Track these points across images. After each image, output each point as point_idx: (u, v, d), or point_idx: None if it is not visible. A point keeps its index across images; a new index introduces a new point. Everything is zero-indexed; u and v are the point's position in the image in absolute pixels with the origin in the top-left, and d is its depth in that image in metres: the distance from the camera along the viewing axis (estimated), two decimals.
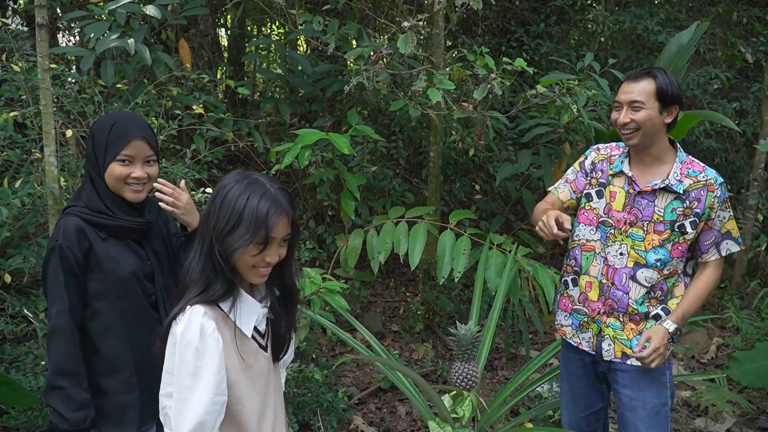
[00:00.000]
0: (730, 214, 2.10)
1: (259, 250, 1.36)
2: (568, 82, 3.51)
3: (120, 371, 1.78)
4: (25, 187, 2.75)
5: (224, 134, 3.74)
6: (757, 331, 3.91)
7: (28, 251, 2.98)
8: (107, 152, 1.76)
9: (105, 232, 1.76)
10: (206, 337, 1.35)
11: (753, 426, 3.42)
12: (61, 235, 1.68)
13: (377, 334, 4.17)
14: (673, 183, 2.06)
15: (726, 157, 5.32)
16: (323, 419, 3.01)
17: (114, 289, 1.75)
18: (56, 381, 1.67)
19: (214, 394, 1.34)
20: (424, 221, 3.53)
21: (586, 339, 2.23)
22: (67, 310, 1.68)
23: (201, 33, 5.33)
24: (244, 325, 1.43)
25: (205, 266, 1.38)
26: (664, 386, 2.13)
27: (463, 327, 2.39)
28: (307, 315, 2.81)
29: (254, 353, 1.46)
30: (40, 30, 2.75)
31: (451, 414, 2.42)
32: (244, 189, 1.36)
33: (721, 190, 2.05)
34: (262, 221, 1.33)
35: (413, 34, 3.21)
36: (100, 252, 1.73)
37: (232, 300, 1.41)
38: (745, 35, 5.45)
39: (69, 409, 1.67)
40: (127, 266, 1.77)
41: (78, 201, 1.79)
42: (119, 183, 1.78)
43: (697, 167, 2.08)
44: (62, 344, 1.68)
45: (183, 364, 1.34)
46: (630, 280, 2.11)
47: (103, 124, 1.79)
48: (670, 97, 2.02)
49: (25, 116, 3.13)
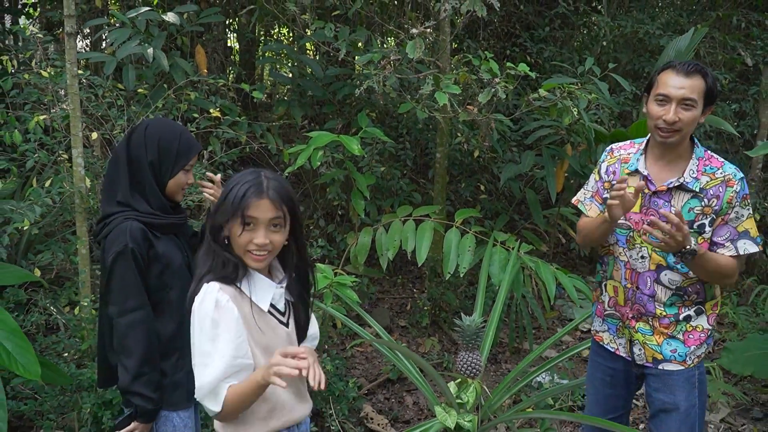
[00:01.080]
0: (749, 212, 1.99)
1: (240, 231, 1.51)
2: (569, 86, 3.65)
3: (172, 354, 1.97)
4: (54, 186, 2.92)
5: (239, 136, 3.90)
6: (753, 326, 4.04)
7: (55, 247, 3.15)
8: (177, 161, 1.95)
9: (158, 231, 1.95)
10: (221, 308, 1.51)
11: (747, 416, 3.55)
12: (129, 239, 1.85)
13: (386, 329, 4.32)
14: (688, 181, 1.98)
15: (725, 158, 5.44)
16: (335, 407, 3.17)
17: (169, 281, 1.95)
18: (142, 368, 1.86)
19: (233, 357, 1.50)
20: (430, 220, 3.68)
21: (622, 344, 2.22)
22: (145, 303, 1.88)
23: (214, 38, 5.49)
24: (260, 301, 1.59)
25: (207, 249, 1.57)
26: (694, 387, 2.13)
27: (468, 318, 2.54)
28: (320, 308, 2.96)
29: (273, 327, 1.62)
30: (69, 38, 2.92)
31: (456, 400, 2.57)
32: (240, 177, 1.55)
33: (740, 185, 1.96)
34: (238, 201, 1.50)
35: (421, 40, 3.36)
36: (158, 249, 1.92)
37: (245, 278, 1.58)
38: (744, 39, 5.58)
39: (152, 391, 1.87)
40: (177, 259, 1.98)
41: (117, 206, 1.92)
42: (178, 189, 1.99)
43: (715, 163, 2.00)
44: (144, 335, 1.87)
45: (202, 332, 1.50)
46: (654, 283, 2.08)
47: (169, 133, 1.95)
48: (713, 97, 1.96)
49: (53, 119, 3.30)
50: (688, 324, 2.12)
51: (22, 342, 1.86)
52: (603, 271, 2.28)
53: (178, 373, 1.97)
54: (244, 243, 1.53)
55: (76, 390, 2.67)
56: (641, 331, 2.16)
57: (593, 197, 2.27)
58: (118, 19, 3.68)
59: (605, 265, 2.25)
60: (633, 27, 5.27)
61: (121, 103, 3.52)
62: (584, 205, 2.29)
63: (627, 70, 5.58)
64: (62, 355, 2.81)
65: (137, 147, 1.93)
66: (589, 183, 2.31)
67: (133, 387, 1.85)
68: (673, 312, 2.10)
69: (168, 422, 1.96)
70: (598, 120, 4.43)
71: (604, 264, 2.28)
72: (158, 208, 1.96)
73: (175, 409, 1.97)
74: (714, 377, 3.60)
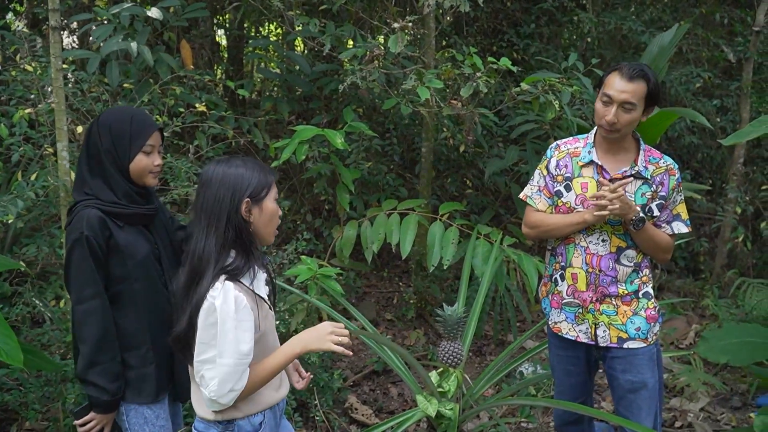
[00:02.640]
0: (681, 198, 2.26)
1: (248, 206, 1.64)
2: (550, 80, 3.70)
3: (138, 347, 1.96)
4: (39, 180, 2.94)
5: (225, 131, 3.93)
6: (733, 317, 4.11)
7: (41, 241, 3.16)
8: (132, 144, 1.92)
9: (121, 220, 1.92)
10: (240, 309, 1.58)
11: (726, 406, 3.61)
12: (85, 226, 1.84)
13: (372, 322, 4.34)
14: (641, 169, 2.19)
15: (708, 153, 5.52)
16: (319, 398, 3.20)
17: (132, 272, 1.92)
18: (96, 357, 1.85)
19: (246, 355, 1.59)
20: (415, 213, 3.71)
21: (583, 330, 2.30)
22: (100, 292, 1.87)
23: (201, 34, 5.50)
24: (260, 291, 1.67)
25: (223, 243, 1.60)
26: (655, 364, 2.26)
27: (449, 308, 2.58)
28: (306, 300, 3.00)
29: (267, 314, 1.72)
30: (54, 32, 2.93)
31: (437, 389, 2.61)
32: (227, 164, 1.63)
33: (678, 174, 2.22)
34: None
35: (403, 34, 3.40)
36: (119, 239, 1.90)
37: (250, 270, 1.63)
38: (727, 36, 5.65)
39: (108, 381, 1.86)
40: (142, 250, 1.95)
41: (84, 195, 1.92)
42: (144, 172, 1.96)
43: (655, 154, 2.23)
44: (99, 323, 1.85)
45: (224, 332, 1.55)
46: (616, 263, 2.22)
47: (119, 118, 1.94)
48: (655, 99, 2.12)
49: (38, 114, 3.32)
50: (649, 301, 2.27)
51: (5, 329, 1.89)
52: (558, 262, 2.36)
53: (146, 366, 1.96)
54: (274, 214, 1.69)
55: (61, 381, 2.69)
56: (606, 312, 2.26)
57: (541, 191, 2.38)
58: (101, 15, 3.69)
59: (561, 255, 2.34)
60: (617, 23, 5.33)
61: (107, 98, 3.54)
62: (533, 199, 2.40)
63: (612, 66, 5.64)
64: (48, 347, 2.83)
65: (93, 138, 1.93)
66: (535, 178, 2.43)
67: (87, 375, 1.85)
68: (633, 289, 2.25)
69: (139, 415, 1.96)
70: (582, 115, 4.48)
71: (558, 255, 2.36)
72: (124, 196, 1.93)
73: (144, 402, 1.96)
74: (694, 367, 3.66)
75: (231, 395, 1.59)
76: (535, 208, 2.38)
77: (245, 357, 1.58)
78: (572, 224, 2.23)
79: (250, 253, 1.63)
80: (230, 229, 1.59)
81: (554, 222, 2.30)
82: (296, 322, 3.14)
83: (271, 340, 1.75)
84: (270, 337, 1.74)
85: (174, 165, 3.42)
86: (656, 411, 2.27)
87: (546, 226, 2.33)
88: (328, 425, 3.20)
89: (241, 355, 1.57)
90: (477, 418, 3.39)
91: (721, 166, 5.62)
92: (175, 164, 3.43)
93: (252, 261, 1.64)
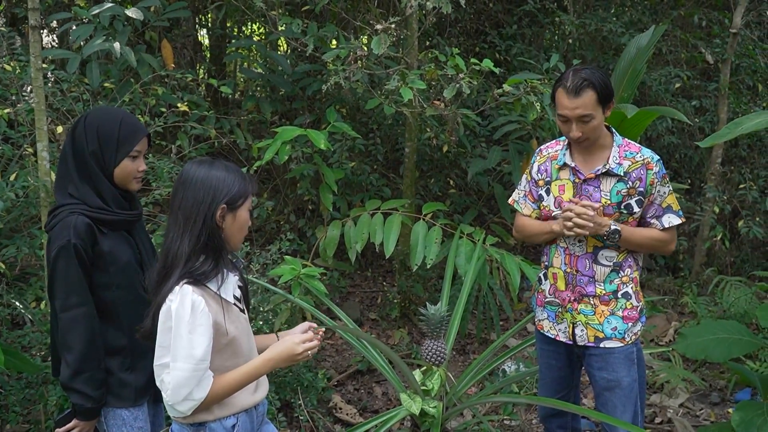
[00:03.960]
0: (669, 189, 2.21)
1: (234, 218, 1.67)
2: (532, 81, 3.73)
3: (119, 353, 1.95)
4: (19, 180, 2.91)
5: (207, 131, 3.91)
6: (712, 315, 4.18)
7: (21, 242, 3.13)
8: (119, 149, 1.89)
9: (106, 226, 1.90)
10: (197, 313, 1.55)
11: (705, 401, 3.67)
12: (73, 234, 1.81)
13: (356, 322, 4.36)
14: (613, 167, 2.17)
15: (687, 153, 5.60)
16: (303, 397, 3.20)
17: (114, 279, 1.91)
18: (82, 366, 1.83)
19: (202, 360, 1.56)
20: (399, 213, 3.73)
21: (562, 330, 2.34)
22: (87, 301, 1.85)
23: (183, 33, 5.47)
24: (227, 295, 1.66)
25: (196, 245, 1.58)
26: (633, 364, 2.28)
27: (432, 307, 2.60)
28: (289, 299, 3.00)
29: (237, 316, 1.69)
30: (33, 31, 2.90)
31: (421, 387, 2.63)
32: (210, 166, 1.63)
33: (658, 166, 2.17)
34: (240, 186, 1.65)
35: (386, 36, 3.41)
36: (103, 246, 1.88)
37: (218, 276, 1.62)
38: (705, 37, 5.74)
39: (93, 389, 1.85)
40: (124, 256, 1.93)
41: (69, 198, 1.89)
42: (128, 177, 1.94)
43: (633, 148, 2.20)
44: (86, 331, 1.84)
45: (178, 337, 1.53)
46: (593, 264, 2.23)
47: (107, 121, 1.90)
48: (608, 97, 2.11)
49: (17, 113, 3.28)
50: (627, 301, 2.27)
51: None
52: (543, 262, 2.43)
53: (125, 371, 1.95)
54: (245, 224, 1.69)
55: (42, 383, 2.67)
56: (583, 312, 2.29)
57: (526, 196, 2.43)
58: (81, 15, 3.66)
59: (546, 255, 2.41)
60: (597, 25, 5.39)
61: (87, 98, 3.51)
62: (519, 204, 2.46)
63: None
64: (28, 349, 2.80)
65: (79, 139, 1.89)
66: (522, 183, 2.48)
67: (72, 383, 1.83)
68: (612, 289, 2.25)
69: (117, 417, 1.95)
70: None
71: (543, 254, 2.43)
72: (112, 200, 1.91)
73: (123, 406, 1.95)
74: (674, 363, 3.72)
75: (188, 404, 1.57)
76: (522, 213, 2.43)
77: (200, 362, 1.55)
78: (544, 233, 2.31)
79: (220, 258, 1.63)
80: (204, 233, 1.59)
81: (531, 229, 2.38)
82: (280, 322, 3.14)
83: (245, 345, 1.72)
84: (242, 342, 1.70)
85: (156, 165, 3.41)
86: (635, 409, 2.29)
87: (526, 232, 2.41)
88: (313, 425, 3.21)
89: (195, 360, 1.54)
90: (460, 416, 3.41)
91: (699, 166, 5.70)
92: (158, 164, 3.42)
93: (221, 265, 1.63)
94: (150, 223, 3.52)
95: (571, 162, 2.25)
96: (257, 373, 1.65)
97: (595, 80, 2.08)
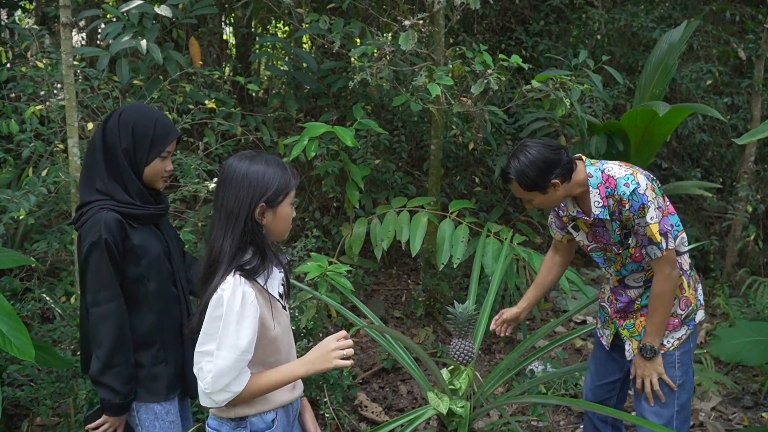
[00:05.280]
0: (648, 220, 2.09)
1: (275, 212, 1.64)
2: (561, 77, 3.68)
3: (150, 346, 1.95)
4: (50, 176, 2.94)
5: (234, 128, 3.92)
6: (744, 316, 4.08)
7: (51, 237, 3.16)
8: (152, 148, 1.91)
9: (135, 221, 1.91)
10: (247, 304, 1.55)
11: (737, 405, 3.59)
12: (104, 229, 1.82)
13: (380, 320, 4.33)
14: (597, 213, 2.15)
15: (718, 151, 5.48)
16: (329, 395, 3.20)
17: (146, 272, 1.91)
18: (111, 360, 1.84)
19: (245, 352, 1.56)
20: (425, 211, 3.70)
21: (606, 335, 2.43)
22: (118, 295, 1.86)
23: (210, 31, 5.51)
24: (273, 290, 1.66)
25: (240, 243, 1.58)
26: (673, 369, 2.23)
27: (460, 306, 2.57)
28: (315, 296, 2.99)
29: (280, 313, 1.69)
30: (65, 29, 2.93)
31: (448, 386, 2.60)
32: (250, 161, 1.61)
33: (631, 201, 2.08)
34: (284, 183, 1.62)
35: (414, 32, 3.38)
36: (134, 240, 1.89)
37: (265, 271, 1.62)
38: (737, 33, 5.61)
39: (122, 384, 1.86)
40: (155, 249, 1.94)
41: (96, 194, 1.89)
42: (156, 177, 1.95)
43: (611, 183, 2.12)
44: (115, 326, 1.84)
45: (226, 325, 1.53)
46: (624, 290, 2.31)
47: (143, 119, 1.91)
48: (534, 184, 2.11)
49: (49, 110, 3.32)
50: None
51: (17, 324, 1.88)
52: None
53: (157, 365, 1.95)
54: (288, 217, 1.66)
55: (72, 377, 2.70)
56: (627, 327, 2.34)
57: (554, 222, 2.48)
58: (110, 13, 3.69)
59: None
60: (627, 20, 5.30)
61: (117, 95, 3.54)
62: (551, 228, 2.53)
63: (621, 63, 5.61)
64: (58, 343, 2.83)
65: (111, 134, 1.89)
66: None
67: (102, 378, 1.84)
68: (648, 303, 2.26)
69: (149, 411, 1.95)
70: (592, 112, 4.46)
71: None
72: (137, 196, 1.91)
73: (155, 400, 1.95)
74: (705, 366, 3.64)
75: (224, 396, 1.56)
76: (554, 237, 2.53)
77: (244, 353, 1.55)
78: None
79: (266, 253, 1.62)
80: (246, 231, 1.58)
81: (543, 264, 2.66)
82: (306, 319, 3.14)
83: (285, 343, 1.72)
84: (284, 340, 1.70)
85: (183, 162, 3.43)
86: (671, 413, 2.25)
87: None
88: (338, 423, 3.20)
89: (239, 351, 1.54)
90: (487, 417, 3.38)
91: (731, 164, 5.58)
92: (185, 161, 3.43)
93: (267, 261, 1.62)
94: (177, 219, 3.54)
95: (573, 211, 2.28)
96: (293, 376, 1.64)
97: (515, 173, 2.12)
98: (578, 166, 2.18)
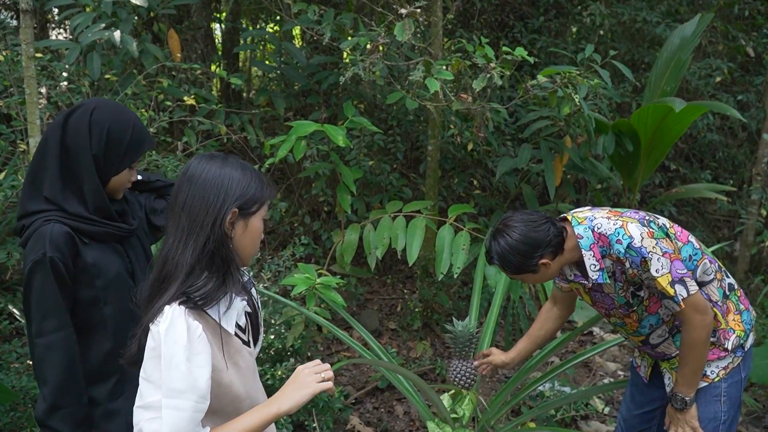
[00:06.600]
0: (654, 274, 1.83)
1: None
2: (569, 72, 3.42)
3: (107, 379, 1.67)
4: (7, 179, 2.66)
5: (216, 127, 3.65)
6: (763, 328, 3.82)
7: (12, 246, 2.88)
8: (125, 157, 1.64)
9: (87, 236, 1.62)
10: (194, 339, 1.24)
11: (759, 425, 3.34)
12: (49, 246, 1.52)
13: (374, 332, 4.07)
14: (595, 277, 1.91)
15: (728, 152, 5.25)
16: (318, 419, 2.92)
17: (102, 294, 1.63)
18: (58, 401, 1.55)
19: (202, 397, 1.24)
20: (422, 216, 3.43)
21: (643, 367, 2.21)
22: (66, 324, 1.57)
23: (194, 25, 5.23)
24: (228, 324, 1.33)
25: (200, 257, 1.27)
26: (717, 402, 2.00)
27: (460, 323, 2.29)
28: (302, 312, 2.71)
29: (238, 350, 1.37)
30: (24, 16, 2.65)
31: (450, 414, 2.33)
32: (222, 162, 1.33)
33: (629, 257, 1.83)
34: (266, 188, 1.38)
35: (410, 21, 3.11)
36: (87, 257, 1.60)
37: (220, 300, 1.30)
38: (746, 29, 5.37)
39: (71, 428, 1.57)
40: (112, 267, 1.65)
41: (43, 203, 1.60)
42: (121, 188, 1.69)
43: (604, 242, 1.88)
44: (63, 361, 1.56)
45: (173, 367, 1.21)
46: (653, 348, 2.07)
47: (119, 121, 1.63)
48: (519, 268, 1.92)
49: (10, 107, 3.04)
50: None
51: None
52: None
53: (115, 399, 1.66)
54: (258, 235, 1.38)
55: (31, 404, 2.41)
56: (667, 359, 2.11)
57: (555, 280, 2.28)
58: (81, 1, 3.40)
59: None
60: (630, 15, 5.06)
61: (88, 91, 3.25)
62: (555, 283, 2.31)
63: (626, 60, 5.36)
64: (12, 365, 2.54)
65: (78, 133, 1.58)
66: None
67: (48, 421, 1.55)
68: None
69: None
70: (598, 110, 4.20)
71: None
72: (96, 210, 1.62)
73: None
74: None
75: None
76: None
77: (202, 399, 1.24)
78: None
79: (228, 275, 1.30)
80: (211, 241, 1.27)
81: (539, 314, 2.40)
82: (293, 337, 2.86)
83: (248, 388, 1.39)
84: (244, 384, 1.38)
85: (161, 163, 3.15)
86: None
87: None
88: None
89: (198, 396, 1.23)
90: None
91: (740, 166, 5.34)
92: (162, 162, 3.16)
93: (228, 285, 1.30)
94: None
95: (571, 275, 2.02)
96: (265, 419, 1.29)
97: (497, 259, 1.94)
98: (567, 231, 1.94)
